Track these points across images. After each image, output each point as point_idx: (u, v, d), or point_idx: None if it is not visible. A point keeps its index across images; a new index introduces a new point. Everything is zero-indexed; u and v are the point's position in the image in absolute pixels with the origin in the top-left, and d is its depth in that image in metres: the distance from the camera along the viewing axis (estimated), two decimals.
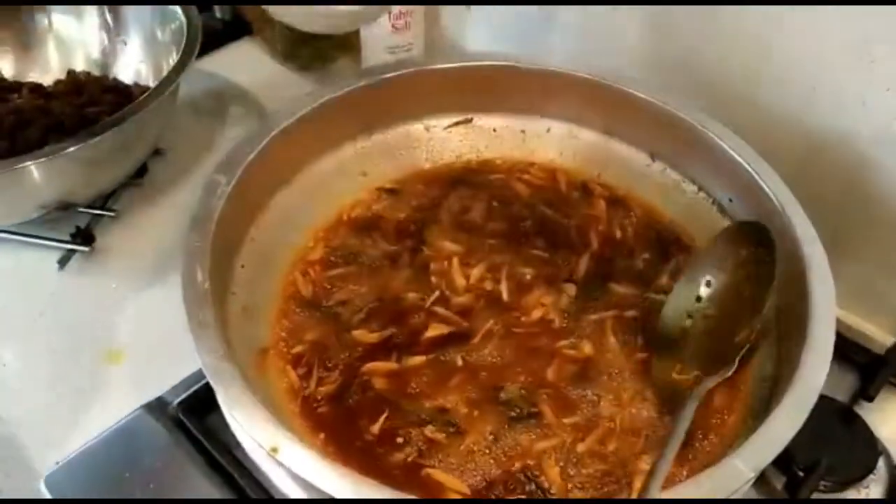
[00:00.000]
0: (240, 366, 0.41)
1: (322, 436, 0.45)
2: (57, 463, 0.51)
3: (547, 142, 0.62)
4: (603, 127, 0.61)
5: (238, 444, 0.45)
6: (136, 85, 0.74)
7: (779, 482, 0.52)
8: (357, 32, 0.78)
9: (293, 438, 0.37)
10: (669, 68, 0.65)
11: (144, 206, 0.70)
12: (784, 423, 0.39)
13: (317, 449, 0.39)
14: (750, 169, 0.52)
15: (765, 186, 0.51)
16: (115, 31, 0.75)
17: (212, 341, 0.41)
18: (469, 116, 0.62)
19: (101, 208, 0.67)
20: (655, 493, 0.38)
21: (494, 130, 0.62)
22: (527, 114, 0.62)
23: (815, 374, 0.41)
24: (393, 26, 0.74)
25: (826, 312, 0.44)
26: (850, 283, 0.45)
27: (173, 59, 0.67)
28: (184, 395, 0.54)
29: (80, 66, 0.76)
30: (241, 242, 0.51)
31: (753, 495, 0.51)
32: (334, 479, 0.36)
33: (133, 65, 0.75)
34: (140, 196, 0.71)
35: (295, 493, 0.41)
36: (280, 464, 0.37)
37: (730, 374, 0.45)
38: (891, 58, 0.51)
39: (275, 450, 0.37)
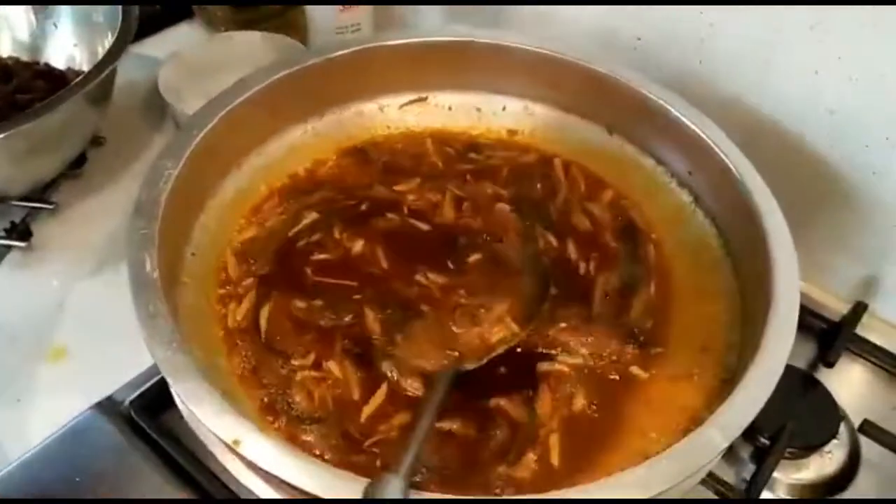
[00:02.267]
0: (194, 358, 0.39)
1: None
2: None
3: (503, 119, 0.61)
4: (559, 102, 0.60)
5: (197, 442, 0.43)
6: (70, 70, 0.70)
7: (745, 451, 0.52)
8: (304, 13, 0.75)
9: (255, 430, 0.36)
10: (620, 48, 0.64)
11: (84, 198, 0.67)
12: (754, 392, 0.39)
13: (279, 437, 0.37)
14: (709, 141, 0.52)
15: (724, 158, 0.51)
16: (44, 13, 0.71)
17: (164, 333, 0.39)
18: (423, 95, 0.61)
19: (38, 201, 0.64)
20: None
21: (450, 108, 0.61)
22: (482, 91, 0.61)
23: (781, 341, 0.41)
24: (341, 6, 0.72)
25: (789, 280, 0.44)
26: (804, 253, 0.46)
27: (109, 42, 0.64)
28: (136, 394, 0.52)
29: (6, 51, 0.72)
30: (191, 229, 0.49)
31: (725, 467, 0.51)
32: (299, 469, 0.35)
33: (66, 49, 0.71)
34: (79, 187, 0.68)
35: (258, 487, 0.40)
36: (242, 457, 0.35)
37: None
38: (842, 28, 0.52)
39: (237, 442, 0.35)
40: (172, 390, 0.42)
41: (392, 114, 0.61)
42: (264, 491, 0.39)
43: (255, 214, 0.53)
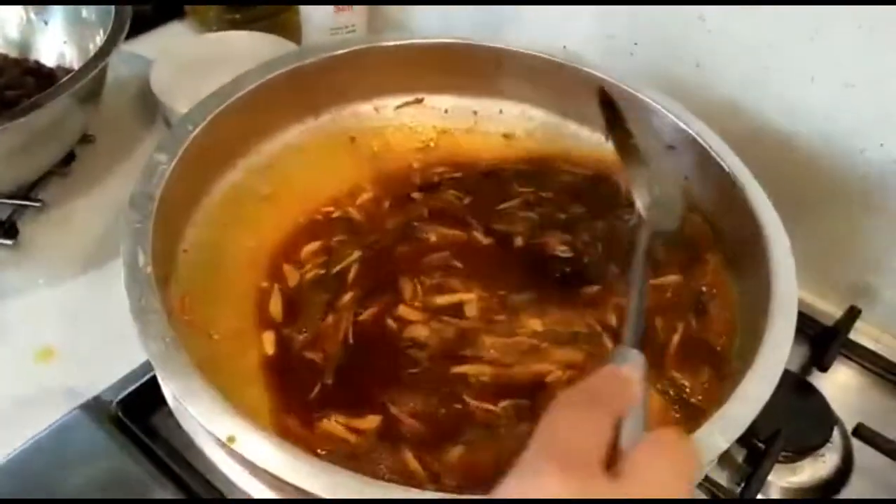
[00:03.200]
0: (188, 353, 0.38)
1: None
2: None
3: (499, 122, 0.61)
4: (556, 107, 0.60)
5: (185, 443, 0.43)
6: (60, 68, 0.69)
7: (739, 455, 0.52)
8: (297, 14, 0.75)
9: (251, 427, 0.35)
10: (617, 53, 0.64)
11: (72, 197, 0.66)
12: (755, 392, 0.39)
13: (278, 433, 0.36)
14: (706, 145, 0.52)
15: (721, 163, 0.51)
16: (34, 10, 0.70)
17: (157, 328, 0.38)
18: (420, 97, 0.60)
19: (25, 199, 0.63)
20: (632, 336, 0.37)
21: (446, 111, 0.61)
22: (479, 94, 0.61)
23: (780, 342, 0.41)
24: (336, 7, 0.72)
25: (787, 283, 0.44)
26: (798, 257, 0.46)
27: (100, 39, 0.63)
28: (124, 394, 0.51)
29: None
30: (184, 226, 0.48)
31: (718, 471, 0.51)
32: (297, 467, 0.34)
33: (56, 46, 0.70)
34: (67, 185, 0.66)
35: (252, 488, 0.39)
36: (237, 454, 0.35)
37: None
38: (840, 34, 0.52)
39: (231, 439, 0.34)
40: (164, 386, 0.41)
41: (388, 114, 0.60)
42: (258, 490, 0.38)
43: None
